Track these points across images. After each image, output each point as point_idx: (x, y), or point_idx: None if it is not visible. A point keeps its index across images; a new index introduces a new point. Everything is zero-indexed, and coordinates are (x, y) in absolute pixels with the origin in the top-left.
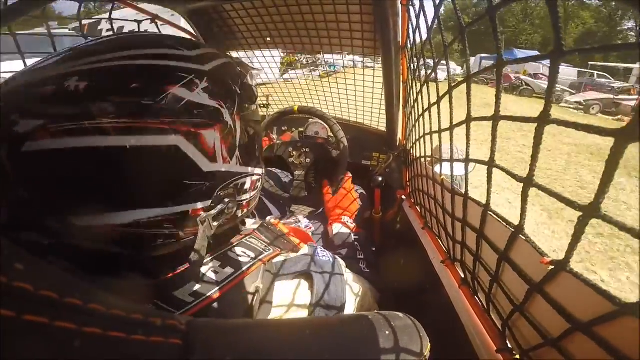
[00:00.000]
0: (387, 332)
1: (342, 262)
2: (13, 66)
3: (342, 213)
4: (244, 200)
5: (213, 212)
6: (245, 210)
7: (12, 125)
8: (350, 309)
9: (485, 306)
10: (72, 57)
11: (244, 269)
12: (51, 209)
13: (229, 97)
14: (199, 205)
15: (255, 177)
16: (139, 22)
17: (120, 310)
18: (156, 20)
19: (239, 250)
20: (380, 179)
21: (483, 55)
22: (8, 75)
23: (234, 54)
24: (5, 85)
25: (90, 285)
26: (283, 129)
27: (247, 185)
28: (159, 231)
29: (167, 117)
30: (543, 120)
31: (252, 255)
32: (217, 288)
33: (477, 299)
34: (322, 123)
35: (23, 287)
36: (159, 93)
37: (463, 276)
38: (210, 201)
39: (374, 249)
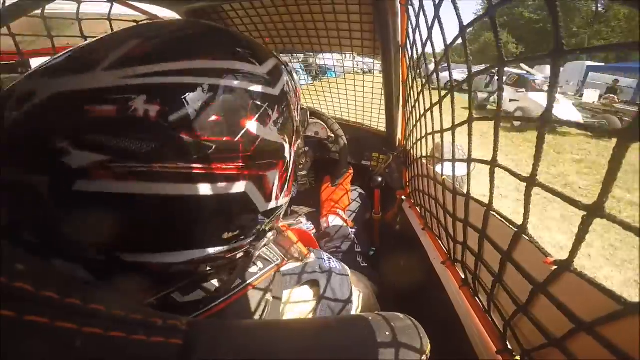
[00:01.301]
0: (387, 333)
1: (347, 269)
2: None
3: (334, 205)
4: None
5: (257, 244)
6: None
7: (60, 155)
8: (353, 312)
9: (486, 307)
10: (130, 58)
11: (253, 278)
12: (97, 246)
13: (291, 128)
14: (247, 240)
15: (287, 202)
16: (137, 22)
17: (120, 310)
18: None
19: None
20: (379, 179)
21: (591, 63)
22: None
23: None
24: (37, 82)
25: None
26: None
27: (283, 213)
28: (209, 267)
29: (242, 161)
30: (545, 120)
31: (261, 265)
32: (225, 298)
33: (477, 299)
34: (322, 123)
35: (23, 288)
36: (238, 129)
37: (464, 277)
38: (256, 235)
39: (374, 248)
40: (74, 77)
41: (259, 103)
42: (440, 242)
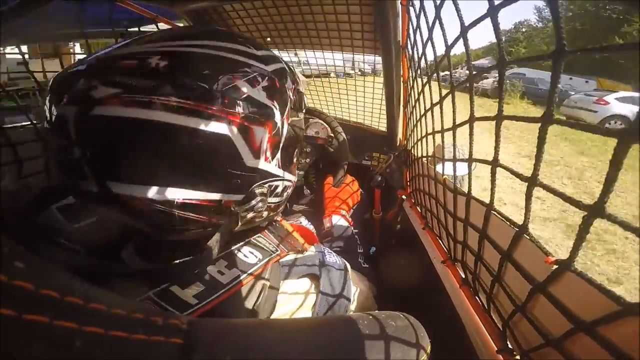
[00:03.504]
0: (387, 332)
1: (347, 265)
2: None
3: (340, 205)
4: (273, 203)
5: (244, 206)
6: (272, 214)
7: (91, 90)
8: (352, 311)
9: (486, 306)
10: (154, 39)
11: (251, 270)
12: (97, 172)
13: (283, 100)
14: (233, 197)
15: (287, 183)
16: (138, 22)
17: (121, 309)
18: (156, 21)
19: (246, 250)
20: (380, 178)
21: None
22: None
23: None
24: (92, 58)
25: (91, 281)
26: None
27: (279, 189)
28: (188, 215)
29: (226, 107)
30: (546, 120)
31: (260, 256)
32: (222, 291)
33: (477, 299)
34: (322, 123)
35: (23, 286)
36: (227, 82)
37: (464, 276)
38: (243, 195)
39: (374, 248)
40: (118, 48)
41: (248, 70)
42: (440, 241)
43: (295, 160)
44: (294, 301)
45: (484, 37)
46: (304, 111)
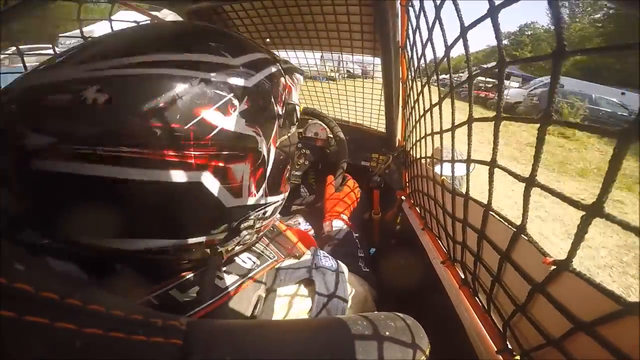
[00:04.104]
0: (387, 333)
1: (344, 267)
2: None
3: (340, 209)
4: (263, 225)
5: (228, 244)
6: (261, 234)
7: (21, 138)
8: (350, 313)
9: (486, 307)
10: (96, 53)
11: (249, 275)
12: (56, 229)
13: (268, 122)
14: (215, 237)
15: (277, 204)
16: (138, 22)
17: (120, 310)
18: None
19: (244, 255)
20: (378, 179)
21: None
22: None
23: None
24: (17, 84)
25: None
26: None
27: (268, 213)
28: (168, 257)
29: (193, 150)
30: (545, 120)
31: (258, 262)
32: (221, 295)
33: (477, 299)
34: (322, 124)
35: (23, 289)
36: (190, 117)
37: (463, 277)
38: (226, 233)
39: (373, 249)
40: (45, 71)
41: (221, 93)
42: (439, 242)
43: (286, 177)
44: (291, 307)
45: (486, 40)
46: (296, 124)
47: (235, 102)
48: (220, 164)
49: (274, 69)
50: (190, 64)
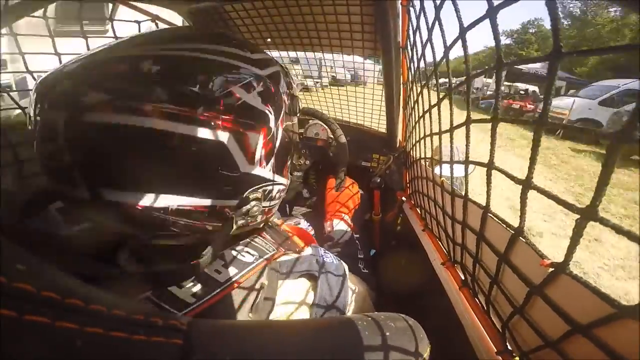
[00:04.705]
0: (387, 334)
1: (345, 265)
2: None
3: (340, 209)
4: (267, 206)
5: (238, 211)
6: (266, 217)
7: (81, 95)
8: (350, 311)
9: (485, 308)
10: (146, 41)
11: (247, 269)
12: (88, 179)
13: (277, 105)
14: (227, 202)
15: (281, 187)
16: (139, 22)
17: (121, 310)
18: (156, 21)
19: (243, 249)
20: (379, 180)
21: None
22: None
23: None
24: (81, 60)
25: (90, 283)
26: None
27: (274, 193)
28: (181, 220)
29: (222, 113)
30: (541, 122)
31: (257, 254)
32: (220, 289)
33: (477, 300)
34: (322, 124)
35: (24, 288)
36: (221, 87)
37: (463, 278)
38: (237, 201)
39: (373, 250)
40: (108, 50)
41: (244, 75)
42: (440, 243)
43: (288, 163)
44: (293, 300)
45: (487, 41)
46: (298, 115)
47: (255, 83)
48: (240, 129)
49: (279, 67)
50: (221, 52)
